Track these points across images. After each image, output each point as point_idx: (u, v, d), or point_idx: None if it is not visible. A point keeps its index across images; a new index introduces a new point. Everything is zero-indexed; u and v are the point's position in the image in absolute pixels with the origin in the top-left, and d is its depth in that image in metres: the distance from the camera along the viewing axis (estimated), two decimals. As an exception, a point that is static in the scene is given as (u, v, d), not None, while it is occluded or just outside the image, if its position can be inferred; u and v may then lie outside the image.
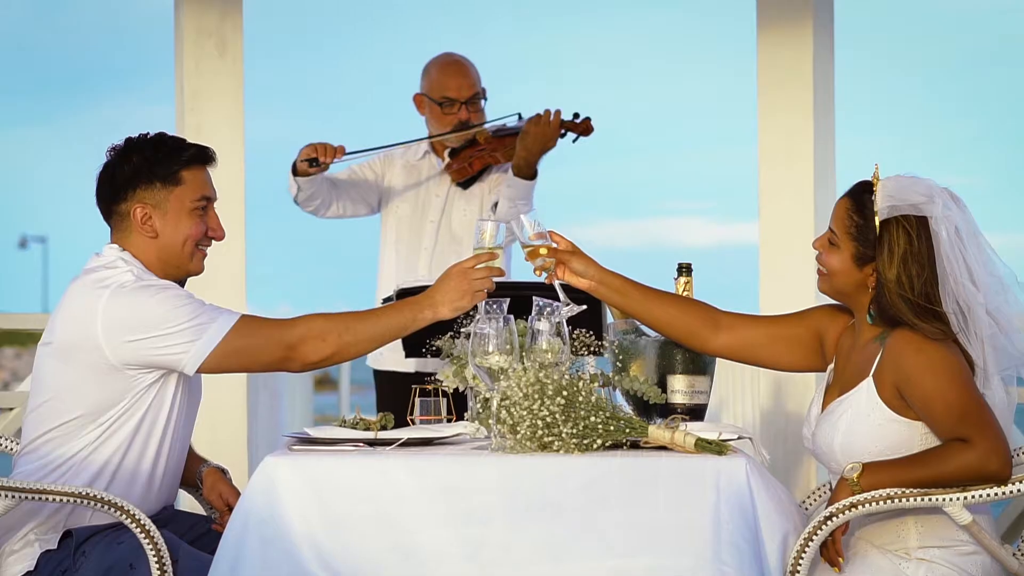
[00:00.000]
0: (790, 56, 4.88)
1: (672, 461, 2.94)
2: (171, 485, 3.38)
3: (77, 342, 3.18)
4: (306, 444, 3.12)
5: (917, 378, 2.97)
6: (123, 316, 3.15)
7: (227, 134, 4.93)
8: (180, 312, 3.14)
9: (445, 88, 4.90)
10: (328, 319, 3.19)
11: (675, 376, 3.35)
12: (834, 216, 3.16)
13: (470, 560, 2.90)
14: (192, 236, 3.30)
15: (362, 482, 2.94)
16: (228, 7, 4.91)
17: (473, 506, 2.92)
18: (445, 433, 3.20)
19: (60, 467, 3.21)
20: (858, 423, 3.05)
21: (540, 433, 2.95)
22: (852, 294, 3.13)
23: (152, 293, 3.17)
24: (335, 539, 2.91)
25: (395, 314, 3.23)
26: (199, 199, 3.31)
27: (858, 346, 3.15)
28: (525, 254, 3.28)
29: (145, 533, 3.04)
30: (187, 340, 3.13)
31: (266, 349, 3.17)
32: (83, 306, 3.19)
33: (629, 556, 2.90)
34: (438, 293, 3.21)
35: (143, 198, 3.27)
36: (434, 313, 3.22)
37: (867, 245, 3.07)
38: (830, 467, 3.13)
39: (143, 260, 3.27)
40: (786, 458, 4.72)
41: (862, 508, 2.92)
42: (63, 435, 3.21)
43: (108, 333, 3.14)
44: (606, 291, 3.30)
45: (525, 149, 4.71)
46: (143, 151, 3.28)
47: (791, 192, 4.88)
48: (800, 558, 2.91)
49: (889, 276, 3.03)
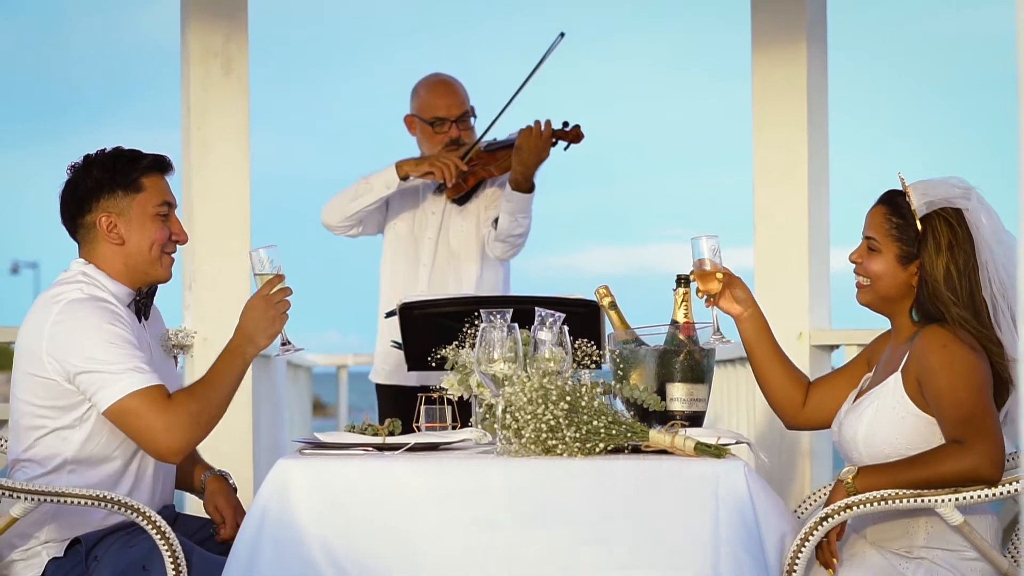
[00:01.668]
0: (784, 73, 4.96)
1: (673, 465, 3.01)
2: (166, 481, 3.45)
3: (32, 352, 3.27)
4: (317, 448, 3.19)
5: (936, 372, 3.04)
6: (64, 332, 3.24)
7: (233, 150, 4.98)
8: (107, 350, 3.21)
9: (435, 108, 4.94)
10: (184, 408, 3.22)
11: (674, 384, 3.40)
12: (869, 224, 3.23)
13: (477, 564, 2.96)
14: (157, 240, 3.37)
15: (370, 485, 3.00)
16: (233, 28, 4.97)
17: (479, 509, 2.98)
18: (451, 439, 3.27)
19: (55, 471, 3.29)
20: (882, 415, 3.13)
21: (544, 436, 3.02)
22: (896, 298, 3.20)
23: (94, 318, 3.24)
24: (345, 540, 2.97)
25: (229, 368, 3.30)
26: (160, 204, 3.38)
27: (893, 348, 3.24)
28: (695, 275, 3.36)
29: (160, 534, 3.11)
30: (103, 377, 3.20)
31: (146, 432, 3.21)
32: (36, 319, 3.29)
33: (630, 567, 2.95)
34: (250, 329, 3.29)
35: (107, 207, 3.35)
36: (255, 347, 3.30)
37: (910, 243, 3.15)
38: (850, 458, 3.21)
39: (109, 271, 3.35)
40: (782, 470, 4.77)
41: (857, 509, 3.01)
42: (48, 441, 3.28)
43: (51, 344, 3.24)
44: (751, 325, 3.38)
45: (521, 163, 4.76)
46: (103, 164, 3.37)
47: (785, 207, 4.94)
48: (797, 558, 2.99)
49: (938, 267, 3.11)
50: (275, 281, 3.32)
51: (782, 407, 3.41)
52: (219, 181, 4.98)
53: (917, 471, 3.01)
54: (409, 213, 4.96)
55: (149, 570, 3.18)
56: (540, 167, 4.78)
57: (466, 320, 3.52)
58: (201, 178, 4.98)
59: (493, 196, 4.95)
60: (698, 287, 3.36)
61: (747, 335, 3.40)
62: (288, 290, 3.32)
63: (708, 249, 3.34)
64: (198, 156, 4.97)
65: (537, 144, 4.75)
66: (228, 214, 4.98)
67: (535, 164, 4.77)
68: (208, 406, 3.25)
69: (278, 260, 3.36)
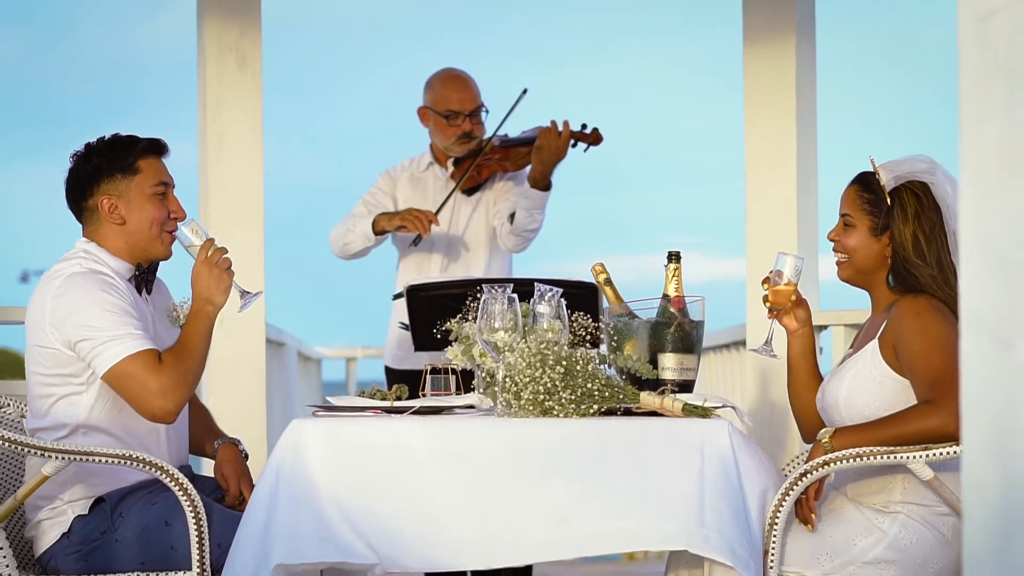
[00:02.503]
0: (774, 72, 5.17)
1: (662, 424, 3.22)
2: (179, 443, 3.65)
3: (37, 325, 3.48)
4: (329, 411, 3.40)
5: (910, 338, 3.25)
6: (63, 303, 3.45)
7: (247, 142, 5.20)
8: (102, 317, 3.42)
9: (448, 101, 5.12)
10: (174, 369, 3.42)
11: (665, 354, 3.60)
12: (844, 202, 3.46)
13: (478, 517, 3.15)
14: (156, 219, 3.58)
15: (379, 443, 3.19)
16: (248, 24, 5.19)
17: (480, 465, 3.17)
18: (455, 403, 3.48)
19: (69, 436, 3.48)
20: (861, 379, 3.34)
21: (541, 398, 3.23)
22: (872, 269, 3.42)
23: (91, 289, 3.45)
24: (354, 494, 3.16)
25: (198, 330, 3.51)
26: (157, 184, 3.59)
27: (872, 319, 3.45)
28: (769, 287, 3.54)
29: (182, 490, 3.31)
30: (99, 345, 3.41)
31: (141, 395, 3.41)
32: (39, 295, 3.50)
33: (621, 519, 3.14)
34: (204, 292, 3.51)
35: (108, 190, 3.56)
36: (215, 306, 3.53)
37: (881, 216, 3.38)
38: (832, 421, 3.41)
39: (111, 248, 3.56)
40: (773, 443, 4.98)
41: (834, 466, 3.21)
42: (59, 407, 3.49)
43: (52, 315, 3.45)
44: (801, 344, 3.58)
45: (541, 163, 4.93)
46: (101, 150, 3.59)
47: (775, 195, 5.15)
48: (778, 512, 3.20)
49: (906, 235, 3.33)
50: (208, 245, 3.55)
51: (806, 422, 3.62)
52: (235, 171, 5.21)
53: (889, 429, 3.21)
54: (420, 203, 5.15)
55: (171, 525, 3.40)
56: (558, 166, 4.95)
57: (469, 297, 3.72)
58: (217, 169, 5.20)
59: (503, 189, 5.14)
60: (767, 298, 3.54)
61: (794, 351, 3.61)
62: (223, 249, 3.55)
63: (791, 268, 3.53)
64: (214, 148, 5.19)
65: (557, 143, 4.92)
66: (243, 202, 5.20)
67: (554, 163, 4.94)
68: (192, 366, 3.46)
69: (202, 230, 3.59)
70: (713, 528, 3.11)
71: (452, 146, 5.12)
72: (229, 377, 5.23)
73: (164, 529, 3.41)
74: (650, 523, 3.14)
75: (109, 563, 3.42)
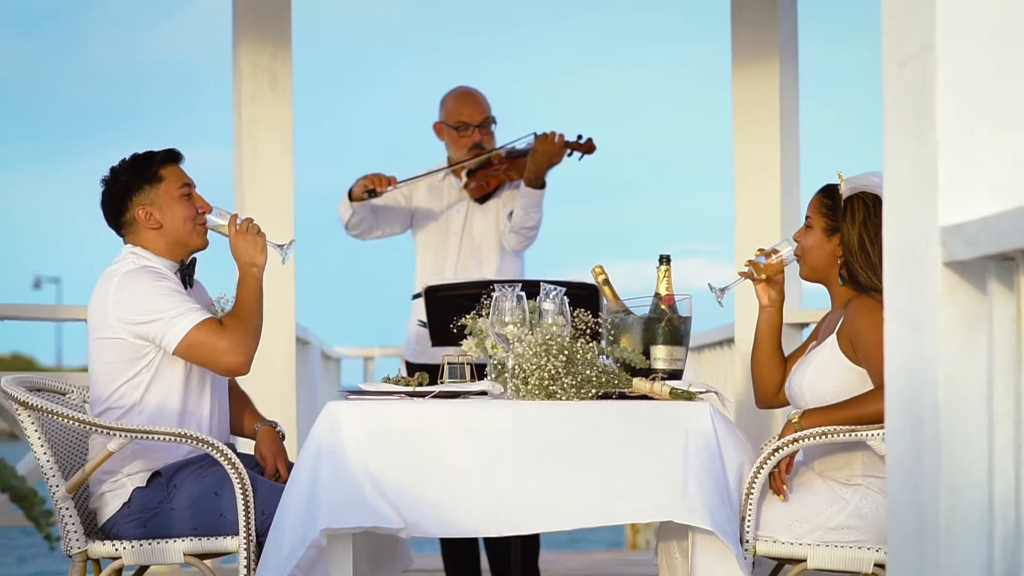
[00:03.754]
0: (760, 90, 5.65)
1: (651, 406, 3.66)
2: (221, 422, 4.09)
3: (101, 320, 3.94)
4: (359, 394, 3.86)
5: (864, 333, 3.70)
6: (125, 298, 3.91)
7: (279, 156, 5.68)
8: (163, 301, 3.89)
9: (460, 115, 5.59)
10: (236, 327, 3.90)
11: (657, 346, 4.01)
12: (809, 207, 3.92)
13: (491, 485, 3.57)
14: (187, 216, 4.05)
15: (404, 422, 3.62)
16: (279, 46, 5.67)
17: (493, 441, 3.60)
18: (471, 388, 3.92)
19: (127, 416, 3.93)
20: (822, 369, 3.79)
21: (546, 384, 3.66)
22: (825, 267, 3.87)
23: (147, 281, 3.92)
24: (384, 465, 3.58)
25: (249, 290, 3.99)
26: (181, 186, 4.07)
27: (831, 314, 3.91)
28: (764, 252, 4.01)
29: (231, 464, 3.76)
30: (166, 323, 3.88)
31: (213, 355, 3.89)
32: (100, 294, 3.96)
33: (614, 486, 3.56)
34: (246, 257, 4.01)
35: (140, 201, 4.03)
36: (259, 266, 4.03)
37: (835, 218, 3.83)
38: (799, 406, 3.85)
39: (153, 249, 4.03)
40: (759, 431, 5.43)
41: (802, 443, 3.66)
42: (121, 391, 3.94)
43: (116, 311, 3.91)
44: (769, 319, 4.02)
45: (535, 164, 5.40)
46: (126, 169, 4.07)
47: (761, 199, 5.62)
48: (754, 483, 3.64)
49: (852, 237, 3.79)
50: (233, 220, 4.06)
51: (764, 391, 4.07)
52: (267, 182, 5.69)
53: (851, 411, 3.66)
54: (437, 212, 5.62)
55: (221, 495, 3.84)
56: (551, 169, 5.41)
57: (484, 295, 4.14)
58: (252, 181, 5.68)
59: (511, 197, 5.59)
60: (753, 261, 4.01)
61: (762, 326, 4.06)
62: (249, 218, 4.06)
63: (787, 253, 3.99)
64: (248, 160, 5.67)
65: (551, 149, 5.39)
66: (275, 210, 5.68)
67: (547, 166, 5.41)
68: (251, 322, 3.94)
69: (225, 210, 4.10)
70: (696, 499, 3.52)
71: (464, 156, 5.57)
72: (263, 371, 5.69)
73: (214, 499, 3.85)
74: (639, 499, 3.56)
75: (165, 529, 3.86)
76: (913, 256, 2.40)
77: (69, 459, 3.98)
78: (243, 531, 3.75)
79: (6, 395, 3.82)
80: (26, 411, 3.80)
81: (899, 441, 2.49)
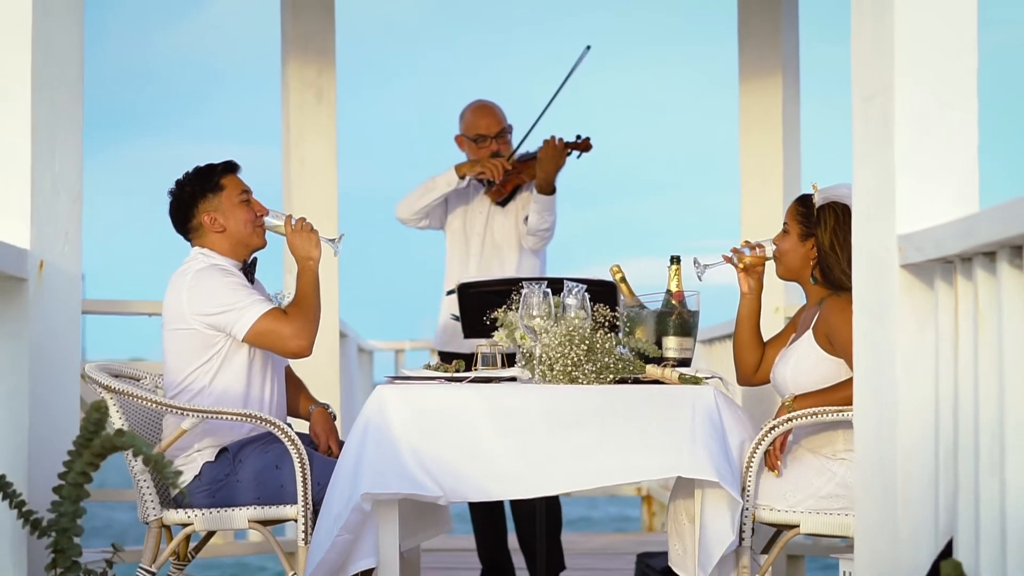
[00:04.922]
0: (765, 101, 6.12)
1: (662, 388, 4.09)
2: (279, 404, 4.51)
3: (176, 314, 4.37)
4: (403, 380, 4.31)
5: (839, 328, 4.14)
6: (198, 292, 4.35)
7: (324, 165, 6.16)
8: (233, 294, 4.33)
9: (477, 127, 6.01)
10: (298, 315, 4.34)
11: (668, 337, 4.45)
12: (786, 215, 4.38)
13: (521, 458, 4.00)
14: (248, 219, 4.50)
15: (444, 402, 4.05)
16: (324, 63, 6.16)
17: (522, 420, 4.02)
18: (503, 374, 4.36)
19: (197, 397, 4.37)
20: (802, 361, 4.24)
21: (569, 370, 4.10)
22: (799, 268, 4.33)
23: (217, 277, 4.36)
24: (425, 441, 4.00)
25: (307, 281, 4.43)
26: (240, 193, 4.53)
27: (807, 311, 4.36)
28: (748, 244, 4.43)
29: (290, 440, 4.20)
30: (236, 313, 4.31)
31: (279, 341, 4.32)
32: (174, 291, 4.40)
33: (630, 454, 3.99)
34: (302, 252, 4.46)
35: (205, 209, 4.49)
36: (314, 260, 4.47)
37: (809, 225, 4.29)
38: (783, 394, 4.31)
39: (219, 250, 4.48)
40: (762, 416, 5.85)
41: (795, 422, 4.11)
42: (193, 376, 4.36)
43: (190, 304, 4.35)
44: (749, 305, 4.46)
45: (543, 171, 5.83)
46: (191, 180, 4.52)
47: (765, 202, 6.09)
48: (753, 457, 4.10)
49: (825, 241, 4.24)
50: (288, 220, 4.51)
51: (744, 369, 4.52)
52: (314, 188, 6.16)
53: (836, 394, 4.11)
54: (462, 213, 6.05)
55: (281, 468, 4.27)
56: (559, 173, 5.85)
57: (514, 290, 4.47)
58: (300, 186, 6.16)
59: (527, 198, 6.02)
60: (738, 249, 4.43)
61: (742, 311, 4.50)
62: (302, 217, 4.51)
63: (770, 249, 4.43)
64: (296, 168, 6.14)
65: (554, 154, 5.82)
66: (320, 214, 6.15)
67: (554, 171, 5.85)
68: (311, 310, 4.37)
69: (280, 212, 4.54)
70: (702, 457, 3.94)
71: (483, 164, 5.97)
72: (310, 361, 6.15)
73: (275, 471, 4.28)
74: (651, 458, 3.99)
75: (232, 499, 4.28)
76: (876, 259, 2.88)
77: (144, 437, 4.40)
78: (301, 500, 4.17)
79: (91, 380, 4.25)
80: (109, 394, 4.23)
81: (866, 408, 2.97)
